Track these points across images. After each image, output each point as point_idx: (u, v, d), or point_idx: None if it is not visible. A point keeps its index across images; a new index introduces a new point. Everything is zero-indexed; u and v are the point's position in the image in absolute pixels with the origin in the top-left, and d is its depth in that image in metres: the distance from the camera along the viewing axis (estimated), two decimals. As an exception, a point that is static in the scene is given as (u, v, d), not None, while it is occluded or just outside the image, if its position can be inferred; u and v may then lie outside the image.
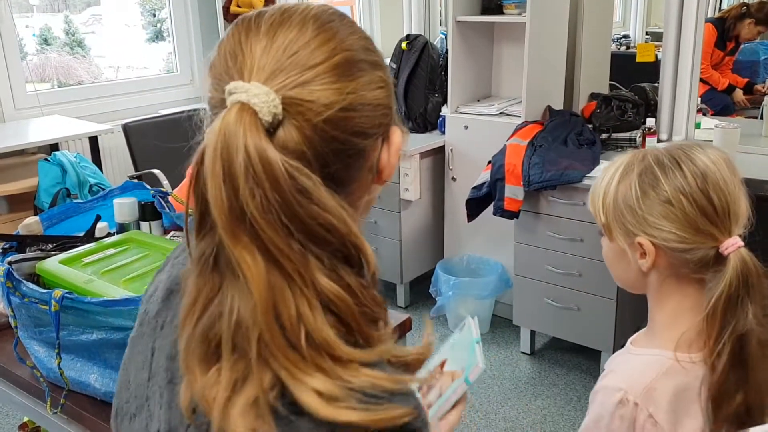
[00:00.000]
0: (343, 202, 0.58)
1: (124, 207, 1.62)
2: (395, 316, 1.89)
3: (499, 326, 3.35)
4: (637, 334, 1.12)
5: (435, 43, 3.83)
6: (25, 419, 1.85)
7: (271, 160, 0.55)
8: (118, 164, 3.85)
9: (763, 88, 3.86)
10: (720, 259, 0.96)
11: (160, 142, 3.58)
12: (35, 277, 1.39)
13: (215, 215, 0.55)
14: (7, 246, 1.45)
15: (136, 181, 1.80)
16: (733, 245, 0.96)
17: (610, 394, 1.00)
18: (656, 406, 0.98)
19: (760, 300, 0.96)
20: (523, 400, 2.80)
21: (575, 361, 3.06)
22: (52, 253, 1.46)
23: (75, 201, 1.70)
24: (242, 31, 0.62)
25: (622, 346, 1.13)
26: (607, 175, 1.05)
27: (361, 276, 0.59)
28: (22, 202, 3.21)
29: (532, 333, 3.11)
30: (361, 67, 0.62)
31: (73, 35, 4.21)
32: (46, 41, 4.11)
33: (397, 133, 0.67)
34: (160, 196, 1.65)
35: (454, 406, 1.04)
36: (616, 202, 1.03)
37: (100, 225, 1.61)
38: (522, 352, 3.14)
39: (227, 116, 0.56)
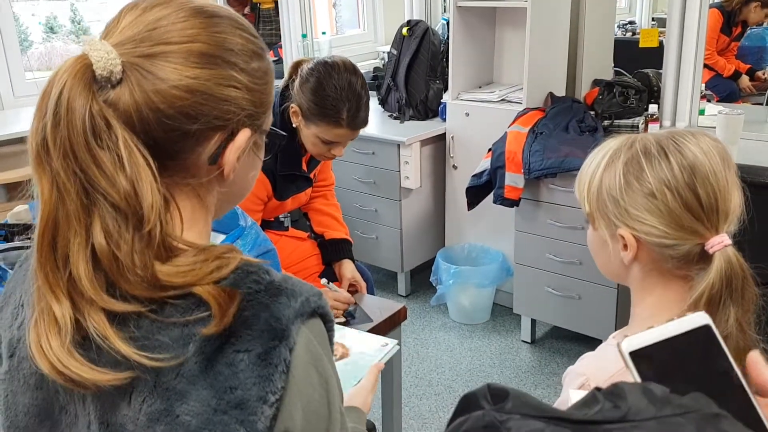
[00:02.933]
0: (151, 172, 0.64)
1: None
2: (390, 306, 1.88)
3: (500, 315, 3.33)
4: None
5: (436, 29, 3.79)
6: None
7: (77, 104, 0.62)
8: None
9: (764, 74, 3.81)
10: (705, 257, 0.92)
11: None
12: (23, 266, 1.38)
13: (28, 143, 0.65)
14: (-5, 235, 1.44)
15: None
16: (719, 244, 0.91)
17: (573, 378, 1.00)
18: None
19: (743, 304, 0.90)
20: (524, 389, 2.77)
21: (576, 349, 3.04)
22: (42, 241, 1.45)
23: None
24: (131, 5, 0.70)
25: None
26: (594, 161, 1.01)
27: (147, 242, 0.64)
28: (19, 191, 3.20)
29: (533, 322, 3.09)
30: (217, 62, 0.67)
31: (79, 23, 4.19)
32: (51, 29, 4.09)
33: (244, 135, 0.71)
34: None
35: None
36: (600, 191, 0.99)
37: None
38: (523, 341, 3.12)
39: (66, 62, 0.65)
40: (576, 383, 0.97)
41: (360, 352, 1.52)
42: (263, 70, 0.72)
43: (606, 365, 0.97)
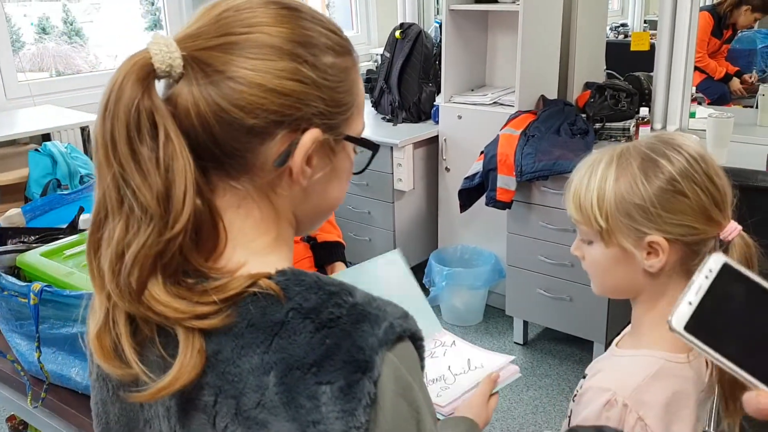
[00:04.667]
0: (192, 179, 0.61)
1: (108, 199, 1.61)
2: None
3: (492, 316, 3.35)
4: (621, 336, 1.09)
5: (429, 32, 3.80)
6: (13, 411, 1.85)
7: (125, 96, 0.60)
8: (111, 154, 3.83)
9: (750, 78, 3.83)
10: (717, 245, 0.93)
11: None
12: (16, 270, 1.38)
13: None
14: (-12, 238, 1.44)
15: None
16: (735, 230, 0.92)
17: (597, 394, 0.96)
18: (647, 410, 0.93)
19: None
20: (515, 391, 2.80)
21: (568, 351, 3.05)
22: (34, 245, 1.45)
23: (59, 193, 1.68)
24: (208, 4, 0.67)
25: (617, 335, 1.09)
26: (595, 175, 0.97)
27: (159, 252, 0.61)
28: (13, 193, 3.19)
29: (525, 323, 3.10)
30: (279, 53, 0.63)
31: (72, 24, 4.17)
32: (44, 30, 4.08)
33: (311, 135, 0.65)
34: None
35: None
36: (620, 203, 0.94)
37: (83, 217, 1.60)
38: (515, 343, 3.13)
39: (127, 59, 0.63)
40: (602, 399, 0.95)
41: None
42: (340, 68, 0.67)
43: (629, 378, 0.95)
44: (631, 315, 1.06)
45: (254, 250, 0.67)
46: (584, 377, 1.08)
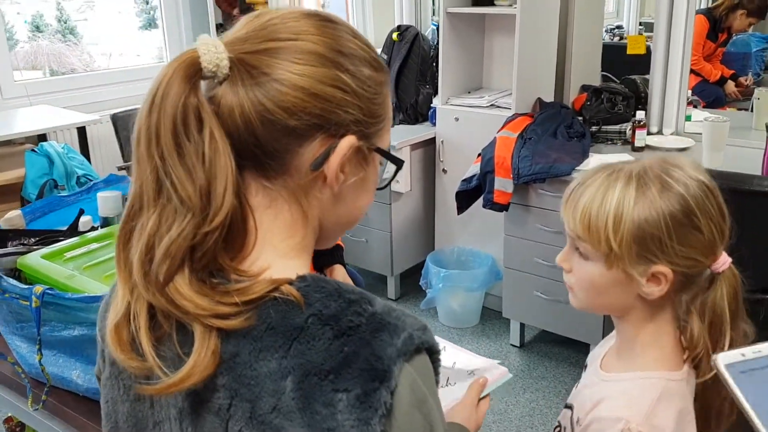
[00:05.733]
0: (232, 177, 0.63)
1: (108, 201, 1.61)
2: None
3: (489, 318, 3.35)
4: (604, 358, 1.06)
5: (426, 34, 3.81)
6: (10, 413, 1.84)
7: (172, 92, 0.61)
8: (107, 155, 3.82)
9: (746, 80, 3.85)
10: (709, 276, 0.94)
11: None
12: (17, 272, 1.38)
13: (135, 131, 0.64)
14: (-12, 240, 1.44)
15: (122, 173, 1.79)
16: (726, 262, 0.94)
17: (609, 425, 0.93)
18: None
19: (742, 313, 0.95)
20: (512, 393, 2.81)
21: (564, 353, 3.06)
22: (35, 247, 1.45)
23: (58, 195, 1.68)
24: (251, 14, 0.70)
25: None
26: (609, 194, 0.93)
27: (203, 238, 0.62)
28: (9, 194, 3.18)
29: (522, 325, 3.11)
30: (323, 60, 0.66)
31: (65, 22, 4.16)
32: (37, 28, 4.06)
33: (348, 141, 0.67)
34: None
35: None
36: (638, 230, 0.91)
37: (83, 219, 1.60)
38: (511, 345, 3.14)
39: (176, 57, 0.64)
40: (616, 429, 0.92)
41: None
42: (376, 81, 0.70)
43: (637, 404, 0.93)
44: (616, 334, 1.04)
45: (279, 252, 0.68)
46: (568, 407, 1.05)
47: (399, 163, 0.75)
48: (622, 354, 1.01)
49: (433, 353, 0.65)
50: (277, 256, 0.68)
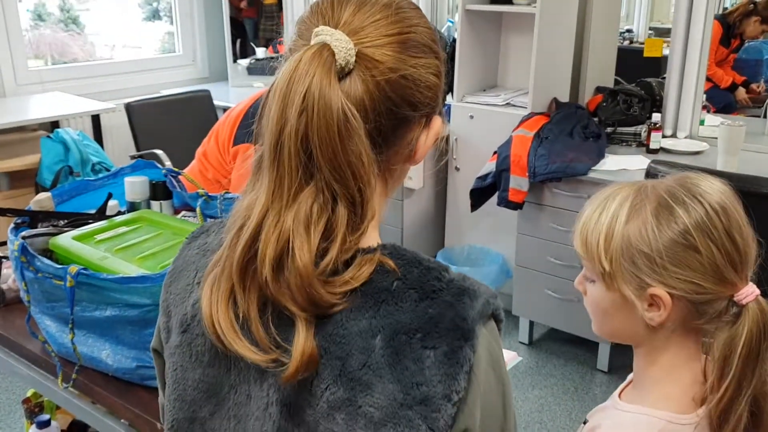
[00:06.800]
0: (375, 157, 0.66)
1: (135, 185, 1.61)
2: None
3: (498, 316, 3.36)
4: (624, 385, 1.02)
5: (442, 30, 3.82)
6: (29, 394, 1.85)
7: (331, 94, 0.62)
8: (119, 143, 3.83)
9: (758, 87, 3.86)
10: (731, 306, 0.86)
11: (162, 123, 3.57)
12: (48, 253, 1.38)
13: (265, 125, 0.65)
14: (19, 221, 1.44)
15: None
16: (753, 294, 0.85)
17: None
18: None
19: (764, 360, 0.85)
20: (521, 390, 2.82)
21: (573, 352, 3.08)
22: (65, 229, 1.45)
23: (86, 179, 1.68)
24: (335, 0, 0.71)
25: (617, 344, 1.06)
26: (606, 211, 0.90)
27: (353, 225, 0.65)
28: (23, 179, 3.19)
29: (531, 323, 3.12)
30: (423, 50, 0.70)
31: (68, 12, 4.16)
32: (40, 17, 4.06)
33: (438, 122, 0.74)
34: (171, 176, 1.65)
35: None
36: (626, 247, 0.87)
37: (111, 203, 1.60)
38: (520, 342, 3.16)
39: (307, 51, 0.64)
40: None
41: None
42: (441, 52, 0.74)
43: None
44: (633, 363, 0.99)
45: (373, 224, 0.71)
46: (585, 422, 1.03)
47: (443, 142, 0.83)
48: (636, 386, 0.97)
49: (499, 321, 0.70)
50: (373, 228, 0.71)
